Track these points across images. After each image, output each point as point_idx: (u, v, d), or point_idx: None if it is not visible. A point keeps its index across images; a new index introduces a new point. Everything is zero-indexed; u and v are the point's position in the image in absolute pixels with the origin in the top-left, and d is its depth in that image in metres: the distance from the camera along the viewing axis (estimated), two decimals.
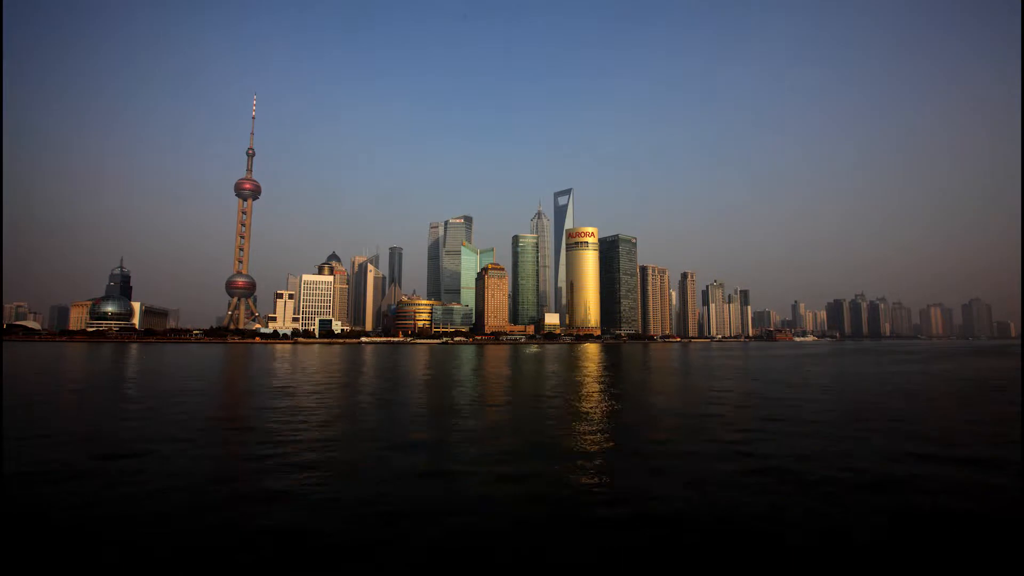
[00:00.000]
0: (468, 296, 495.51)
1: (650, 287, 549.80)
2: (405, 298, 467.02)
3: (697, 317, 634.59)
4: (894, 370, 68.45)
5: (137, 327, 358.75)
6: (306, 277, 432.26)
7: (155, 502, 13.43)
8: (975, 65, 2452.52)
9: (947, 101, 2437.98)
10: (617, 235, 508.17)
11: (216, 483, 15.36)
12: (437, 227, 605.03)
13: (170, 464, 17.49)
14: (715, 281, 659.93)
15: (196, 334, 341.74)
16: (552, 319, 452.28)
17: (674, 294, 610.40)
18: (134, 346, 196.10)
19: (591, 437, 22.85)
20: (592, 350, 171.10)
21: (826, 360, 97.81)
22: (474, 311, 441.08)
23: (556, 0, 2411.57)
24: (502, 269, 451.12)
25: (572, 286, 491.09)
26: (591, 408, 32.26)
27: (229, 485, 15.17)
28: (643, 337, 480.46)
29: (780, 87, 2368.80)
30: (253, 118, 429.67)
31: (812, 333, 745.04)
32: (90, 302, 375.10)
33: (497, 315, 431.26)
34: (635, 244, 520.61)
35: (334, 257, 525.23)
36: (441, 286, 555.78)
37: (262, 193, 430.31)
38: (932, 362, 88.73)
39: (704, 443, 21.19)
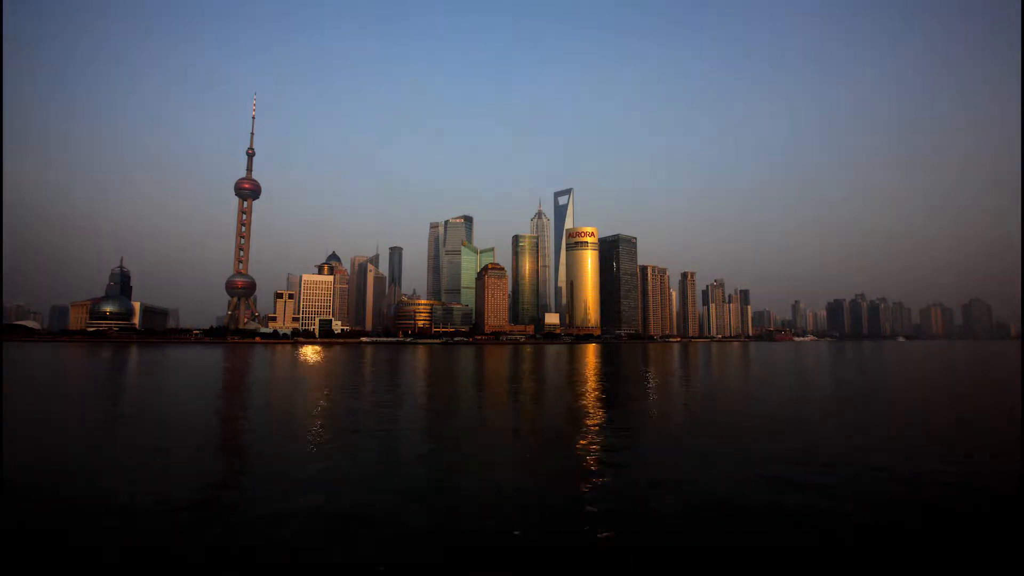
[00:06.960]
0: (468, 296, 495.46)
1: (650, 287, 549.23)
2: (405, 298, 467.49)
3: (697, 317, 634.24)
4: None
5: (137, 327, 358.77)
6: (306, 277, 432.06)
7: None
8: (976, 63, 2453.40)
9: (948, 101, 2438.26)
10: (617, 235, 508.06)
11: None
12: (437, 227, 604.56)
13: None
14: (715, 281, 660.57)
15: (196, 334, 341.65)
16: (552, 319, 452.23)
17: (674, 294, 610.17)
18: (133, 348, 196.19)
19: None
20: (590, 350, 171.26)
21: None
22: (474, 311, 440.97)
23: (557, 0, 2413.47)
24: (502, 269, 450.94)
25: (572, 286, 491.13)
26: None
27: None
28: (643, 337, 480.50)
29: (780, 87, 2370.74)
30: (253, 118, 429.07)
31: (812, 333, 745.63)
32: (90, 302, 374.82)
33: (497, 315, 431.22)
34: (635, 244, 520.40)
35: (334, 257, 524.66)
36: (441, 286, 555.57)
37: (262, 193, 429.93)
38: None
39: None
